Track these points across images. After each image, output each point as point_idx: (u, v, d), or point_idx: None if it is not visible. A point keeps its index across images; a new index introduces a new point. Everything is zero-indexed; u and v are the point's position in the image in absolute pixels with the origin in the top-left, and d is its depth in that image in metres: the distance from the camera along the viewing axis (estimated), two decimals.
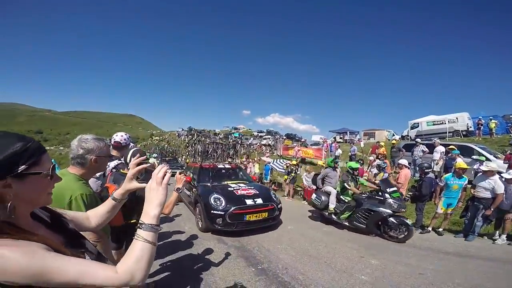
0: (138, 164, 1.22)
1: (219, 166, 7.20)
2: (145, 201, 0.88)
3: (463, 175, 5.40)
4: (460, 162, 5.75)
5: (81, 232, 0.98)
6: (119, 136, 3.15)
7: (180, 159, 19.72)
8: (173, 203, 2.24)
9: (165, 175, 0.92)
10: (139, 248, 0.79)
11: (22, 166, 0.72)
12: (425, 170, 5.83)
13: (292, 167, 10.62)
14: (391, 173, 8.31)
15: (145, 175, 1.12)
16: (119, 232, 2.28)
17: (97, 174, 2.54)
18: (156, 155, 8.75)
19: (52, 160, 0.95)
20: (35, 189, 0.76)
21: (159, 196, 0.88)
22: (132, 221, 2.33)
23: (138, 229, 0.83)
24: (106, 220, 1.18)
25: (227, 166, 7.45)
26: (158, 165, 1.05)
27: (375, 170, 8.40)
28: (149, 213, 0.85)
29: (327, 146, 15.87)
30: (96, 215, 1.14)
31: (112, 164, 2.62)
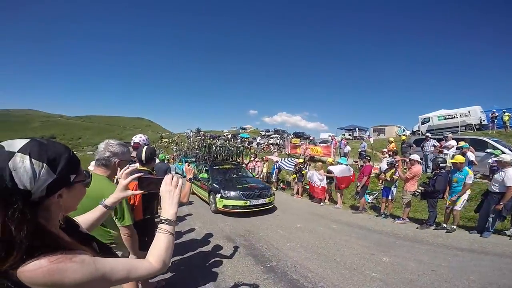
0: (130, 174, 1.26)
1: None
2: (162, 201, 1.02)
3: (466, 169, 5.29)
4: (458, 156, 5.61)
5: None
6: (138, 138, 3.40)
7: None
8: (188, 193, 2.44)
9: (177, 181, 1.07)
10: (166, 240, 0.92)
11: (73, 176, 0.75)
12: (440, 165, 5.68)
13: (300, 166, 10.55)
14: (404, 168, 8.14)
15: (139, 183, 1.14)
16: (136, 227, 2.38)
17: None
18: (164, 155, 9.02)
19: None
20: (77, 197, 0.81)
21: (175, 196, 1.02)
22: (146, 217, 2.45)
23: (161, 224, 0.95)
24: (92, 227, 1.18)
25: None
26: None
27: (384, 166, 8.26)
28: (169, 211, 0.99)
29: (336, 143, 15.69)
30: (85, 222, 1.13)
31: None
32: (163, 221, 0.96)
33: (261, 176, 13.04)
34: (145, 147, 2.69)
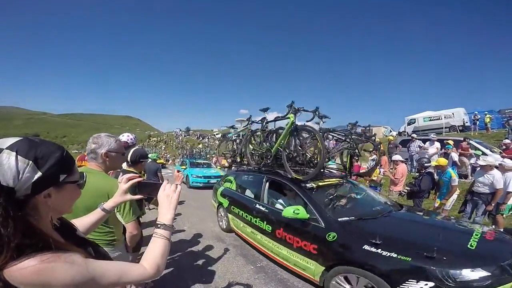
0: (130, 179, 1.27)
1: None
2: (160, 205, 1.02)
3: (449, 171, 5.42)
4: (440, 159, 5.76)
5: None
6: (125, 137, 3.28)
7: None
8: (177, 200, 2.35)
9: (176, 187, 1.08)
10: (162, 245, 0.92)
11: (63, 175, 0.73)
12: (425, 165, 5.84)
13: None
14: (390, 169, 8.34)
15: (138, 188, 1.17)
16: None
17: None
18: (156, 154, 8.57)
19: None
20: (69, 198, 0.79)
21: (173, 201, 1.03)
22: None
23: (157, 229, 0.95)
24: (89, 231, 1.18)
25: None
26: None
27: (372, 164, 8.43)
28: (166, 216, 0.99)
29: None
30: (81, 225, 1.11)
31: None
32: (159, 225, 0.95)
33: None
34: (134, 148, 2.69)
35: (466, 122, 17.61)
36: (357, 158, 8.59)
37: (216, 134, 47.78)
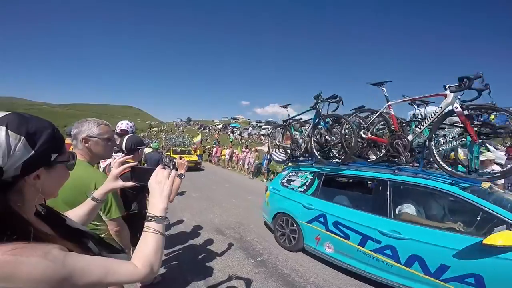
0: (123, 163, 1.15)
1: None
2: (151, 194, 0.88)
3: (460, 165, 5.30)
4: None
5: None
6: (124, 124, 3.10)
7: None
8: (176, 191, 2.15)
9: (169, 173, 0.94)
10: (154, 240, 0.78)
11: (55, 154, 0.66)
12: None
13: None
14: None
15: (132, 174, 1.03)
16: None
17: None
18: (157, 144, 8.22)
19: None
20: (58, 180, 0.71)
21: (166, 189, 0.89)
22: (133, 212, 2.26)
23: (148, 222, 0.82)
24: (85, 223, 1.06)
25: None
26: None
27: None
28: (158, 206, 0.85)
29: None
30: (74, 217, 0.99)
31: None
32: (150, 218, 0.82)
33: (250, 167, 13.04)
34: (127, 136, 2.43)
35: None
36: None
37: (217, 124, 47.63)
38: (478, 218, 2.39)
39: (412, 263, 2.52)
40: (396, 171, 2.97)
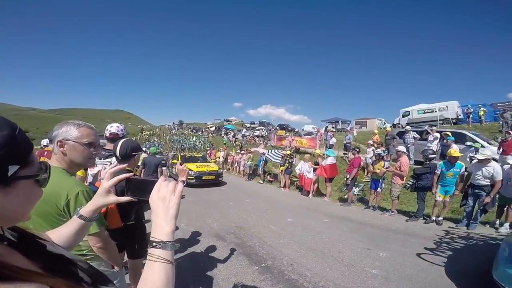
0: (115, 174, 0.93)
1: None
2: (154, 213, 0.70)
3: (459, 162, 5.30)
4: (453, 150, 5.63)
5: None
6: (114, 127, 2.88)
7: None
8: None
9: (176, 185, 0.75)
10: (163, 271, 0.61)
11: (14, 167, 0.46)
12: (429, 156, 5.69)
13: (287, 158, 10.39)
14: (388, 160, 8.21)
15: (128, 187, 0.83)
16: (117, 236, 1.98)
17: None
18: (156, 147, 7.71)
19: None
20: (25, 200, 0.51)
21: (173, 206, 0.71)
22: (130, 222, 2.07)
23: (152, 248, 0.64)
24: (72, 244, 0.87)
25: None
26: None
27: (370, 158, 8.30)
28: (164, 229, 0.67)
29: (321, 135, 15.74)
30: (59, 237, 0.82)
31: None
32: (155, 244, 0.65)
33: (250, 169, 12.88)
34: (122, 140, 2.14)
35: (460, 115, 17.71)
36: (358, 150, 8.44)
37: (210, 127, 47.24)
38: None
39: None
40: None
